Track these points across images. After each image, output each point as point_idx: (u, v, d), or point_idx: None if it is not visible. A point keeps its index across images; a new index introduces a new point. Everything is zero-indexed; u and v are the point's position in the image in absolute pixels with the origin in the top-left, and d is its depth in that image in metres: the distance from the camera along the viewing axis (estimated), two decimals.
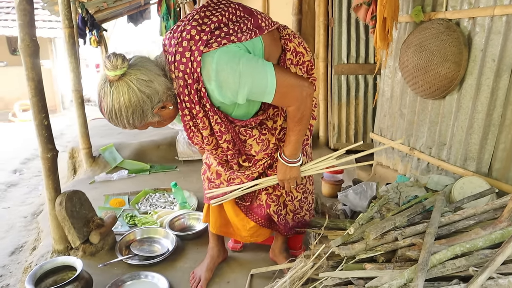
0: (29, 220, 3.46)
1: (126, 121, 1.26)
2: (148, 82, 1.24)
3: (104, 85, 1.23)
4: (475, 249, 1.36)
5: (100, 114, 1.30)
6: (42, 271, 1.77)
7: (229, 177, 1.71)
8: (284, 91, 1.36)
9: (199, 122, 1.43)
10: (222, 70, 1.27)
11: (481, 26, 1.99)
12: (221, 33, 1.31)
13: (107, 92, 1.22)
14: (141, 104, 1.24)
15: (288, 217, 1.83)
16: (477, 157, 2.08)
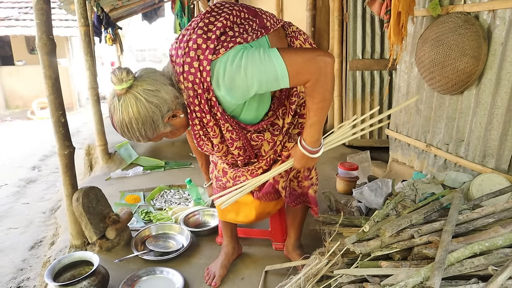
0: (48, 216, 3.53)
1: (138, 133, 1.27)
2: (155, 92, 1.23)
3: (113, 100, 1.24)
4: (494, 247, 1.33)
5: None
6: (60, 265, 1.80)
7: (234, 175, 1.71)
8: (298, 69, 1.25)
9: (210, 131, 1.42)
10: (228, 72, 1.25)
11: (501, 19, 1.94)
12: (227, 37, 1.28)
13: (116, 106, 1.23)
14: (151, 114, 1.24)
15: (293, 184, 1.77)
16: (496, 153, 2.03)
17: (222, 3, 1.38)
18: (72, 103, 10.04)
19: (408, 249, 1.49)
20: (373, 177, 2.70)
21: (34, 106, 9.02)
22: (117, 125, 1.26)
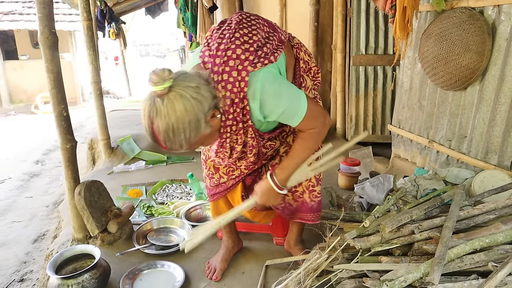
0: (51, 209, 3.56)
1: (183, 135, 1.18)
2: (196, 88, 1.19)
3: (154, 104, 1.15)
4: (495, 244, 1.33)
5: (119, 106, 1.25)
6: (62, 258, 1.81)
7: (228, 170, 1.71)
8: (310, 117, 1.40)
9: (238, 138, 1.44)
10: (266, 91, 1.31)
11: (506, 14, 1.92)
12: (262, 53, 1.35)
13: (160, 108, 1.14)
14: (196, 112, 1.18)
15: (288, 199, 1.74)
16: (499, 150, 2.02)
17: (246, 15, 1.44)
18: (75, 97, 10.08)
19: (409, 244, 1.49)
20: (375, 172, 2.69)
21: (38, 100, 9.06)
22: (162, 129, 1.16)
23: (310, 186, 1.70)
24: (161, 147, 1.24)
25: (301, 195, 1.73)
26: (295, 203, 1.74)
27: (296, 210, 1.77)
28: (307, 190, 1.71)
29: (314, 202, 1.73)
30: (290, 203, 1.75)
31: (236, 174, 1.74)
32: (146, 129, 1.21)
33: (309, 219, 1.77)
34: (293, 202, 1.74)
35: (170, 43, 23.12)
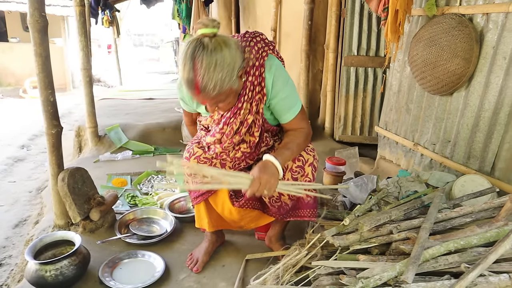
0: (34, 195, 3.52)
1: (220, 75, 1.27)
2: (236, 43, 1.35)
3: (201, 42, 1.26)
4: (469, 246, 1.36)
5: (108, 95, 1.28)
6: (42, 244, 1.80)
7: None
8: (301, 117, 1.59)
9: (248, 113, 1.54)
10: (279, 72, 1.51)
11: (494, 23, 1.95)
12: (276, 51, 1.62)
13: (207, 44, 1.26)
14: (234, 60, 1.31)
15: (284, 198, 1.69)
16: (480, 155, 2.06)
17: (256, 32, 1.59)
18: (65, 84, 9.95)
19: (387, 244, 1.52)
20: (359, 173, 2.72)
21: (27, 84, 8.92)
22: (205, 63, 1.24)
23: (307, 181, 1.67)
24: (195, 88, 1.29)
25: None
26: (291, 202, 1.72)
27: (292, 208, 1.75)
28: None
29: (311, 198, 1.72)
30: (286, 203, 1.72)
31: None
32: (185, 66, 1.28)
33: (306, 215, 1.75)
34: (289, 202, 1.72)
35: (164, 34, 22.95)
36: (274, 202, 1.72)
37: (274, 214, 1.75)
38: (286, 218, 1.77)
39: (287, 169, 1.64)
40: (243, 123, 1.56)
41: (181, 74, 1.32)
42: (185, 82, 1.31)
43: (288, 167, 1.64)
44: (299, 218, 1.76)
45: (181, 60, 1.29)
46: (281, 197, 1.70)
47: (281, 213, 1.74)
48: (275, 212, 1.74)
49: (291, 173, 1.64)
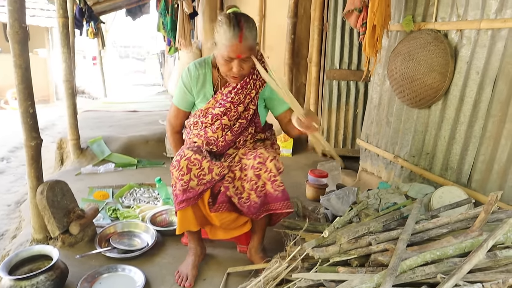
0: (13, 209, 3.44)
1: (254, 33, 1.67)
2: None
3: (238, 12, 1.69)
4: (445, 256, 1.38)
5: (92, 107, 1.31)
6: (17, 259, 1.76)
7: (199, 173, 1.73)
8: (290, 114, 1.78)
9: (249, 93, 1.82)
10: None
11: (467, 39, 2.02)
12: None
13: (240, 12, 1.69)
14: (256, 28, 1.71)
15: (252, 197, 1.76)
16: (457, 167, 2.11)
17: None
18: (48, 95, 9.81)
19: (366, 256, 1.53)
20: (341, 185, 2.75)
21: (9, 95, 8.76)
22: (246, 21, 1.64)
23: (271, 176, 1.72)
24: (239, 37, 1.61)
25: (263, 188, 1.75)
26: (258, 198, 1.76)
27: (262, 204, 1.78)
28: (268, 181, 1.73)
29: (278, 191, 1.74)
30: (254, 201, 1.75)
31: (207, 179, 1.75)
32: (230, 23, 1.61)
33: (278, 207, 1.77)
34: (257, 199, 1.75)
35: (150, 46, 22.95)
36: (243, 203, 1.76)
37: (247, 214, 1.79)
38: (259, 216, 1.79)
39: (248, 167, 1.74)
40: (247, 96, 1.82)
41: (223, 29, 1.62)
42: (231, 33, 1.60)
43: (248, 165, 1.74)
44: (271, 211, 1.79)
45: (224, 20, 1.62)
46: (250, 196, 1.75)
47: (252, 212, 1.77)
48: (247, 212, 1.77)
49: (253, 170, 1.72)
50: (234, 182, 1.79)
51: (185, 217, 1.85)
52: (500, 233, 1.34)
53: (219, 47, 1.67)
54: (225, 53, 1.65)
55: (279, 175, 1.74)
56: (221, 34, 1.64)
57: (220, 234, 2.01)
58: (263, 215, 1.81)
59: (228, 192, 1.77)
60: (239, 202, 1.77)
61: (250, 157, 1.74)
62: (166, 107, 6.02)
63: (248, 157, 1.75)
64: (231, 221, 1.89)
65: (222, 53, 1.66)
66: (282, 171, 1.79)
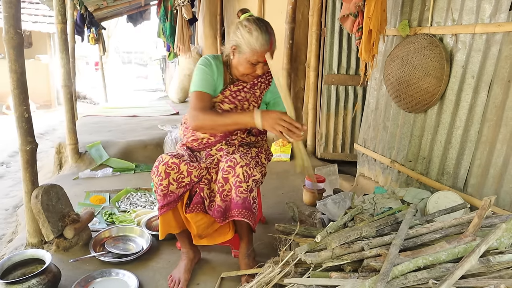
0: (10, 213, 3.44)
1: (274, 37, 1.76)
2: None
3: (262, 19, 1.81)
4: (437, 262, 1.37)
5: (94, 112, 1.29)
6: (10, 262, 1.76)
7: (178, 176, 1.75)
8: None
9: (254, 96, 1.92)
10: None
11: (463, 43, 2.02)
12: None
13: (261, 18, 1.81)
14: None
15: (218, 201, 1.75)
16: (453, 172, 2.10)
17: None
18: (50, 100, 9.85)
19: (360, 261, 1.52)
20: (338, 190, 2.74)
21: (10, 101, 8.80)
22: (272, 29, 1.77)
23: (237, 182, 1.69)
24: (270, 43, 1.73)
25: (228, 192, 1.74)
26: (223, 203, 1.74)
27: (226, 210, 1.76)
28: (233, 186, 1.71)
29: (239, 198, 1.70)
30: (219, 204, 1.75)
31: (186, 182, 1.76)
32: (261, 30, 1.70)
33: (235, 215, 1.72)
34: (221, 203, 1.74)
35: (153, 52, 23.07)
36: (212, 206, 1.78)
37: (214, 217, 1.78)
38: (224, 221, 1.76)
39: (219, 169, 1.75)
40: (252, 95, 1.92)
41: (255, 35, 1.69)
42: (263, 40, 1.70)
43: (220, 167, 1.76)
44: (231, 218, 1.75)
45: (254, 27, 1.70)
46: (215, 200, 1.76)
47: (216, 215, 1.76)
48: (213, 215, 1.77)
49: (222, 173, 1.73)
50: (210, 184, 1.81)
51: (165, 220, 1.86)
52: (493, 238, 1.33)
53: (246, 51, 1.73)
54: (254, 58, 1.73)
55: (246, 182, 1.69)
56: (250, 40, 1.70)
57: (203, 241, 2.00)
58: (227, 221, 1.78)
59: (202, 193, 1.79)
60: (209, 205, 1.78)
61: (223, 160, 1.76)
62: (166, 112, 6.04)
63: (222, 160, 1.78)
64: (207, 225, 1.86)
65: (249, 57, 1.73)
66: (257, 180, 1.75)
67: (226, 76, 1.92)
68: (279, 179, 3.32)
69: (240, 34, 1.73)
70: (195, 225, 1.83)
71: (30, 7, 9.57)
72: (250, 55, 1.73)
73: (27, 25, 8.99)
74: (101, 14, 7.13)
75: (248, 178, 1.71)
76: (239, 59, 1.78)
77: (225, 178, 1.72)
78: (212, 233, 1.97)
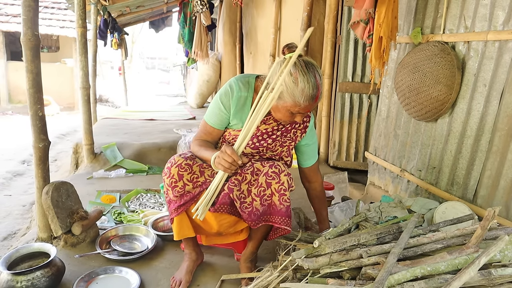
0: (27, 209, 3.55)
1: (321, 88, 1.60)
2: None
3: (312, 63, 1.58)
4: (436, 272, 1.33)
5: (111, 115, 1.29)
6: (18, 254, 1.81)
7: (192, 177, 1.73)
8: (318, 166, 2.05)
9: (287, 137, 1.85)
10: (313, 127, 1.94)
11: (475, 51, 1.98)
12: None
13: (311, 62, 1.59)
14: None
15: (256, 204, 1.70)
16: (463, 182, 2.04)
17: None
18: (73, 103, 10.14)
19: (359, 269, 1.49)
20: (346, 197, 2.70)
21: None
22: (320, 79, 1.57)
23: (282, 189, 1.66)
24: (316, 97, 1.56)
25: (269, 198, 1.70)
26: (262, 207, 1.71)
27: (263, 214, 1.73)
28: (277, 193, 1.68)
29: (283, 206, 1.68)
30: (256, 208, 1.70)
31: (201, 181, 1.74)
32: (309, 81, 1.50)
33: (277, 221, 1.71)
34: (260, 207, 1.71)
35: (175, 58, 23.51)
36: (244, 208, 1.71)
37: (246, 220, 1.72)
38: (257, 224, 1.72)
39: (261, 173, 1.70)
40: (284, 145, 1.86)
41: (301, 88, 1.50)
42: (309, 94, 1.52)
43: (262, 171, 1.70)
44: (270, 223, 1.73)
45: (302, 78, 1.50)
46: (253, 202, 1.70)
47: (252, 219, 1.70)
48: (246, 218, 1.71)
49: (265, 177, 1.68)
50: (240, 185, 1.72)
51: (182, 223, 1.84)
52: (494, 250, 1.28)
53: (287, 100, 1.55)
54: (296, 109, 1.57)
55: (289, 191, 1.69)
56: (295, 91, 1.51)
57: (215, 240, 2.00)
58: (261, 225, 1.76)
59: (231, 194, 1.70)
60: (241, 207, 1.71)
61: (266, 165, 1.70)
62: (183, 117, 6.12)
63: (264, 164, 1.71)
64: (230, 224, 1.85)
65: (290, 107, 1.57)
66: (293, 189, 1.74)
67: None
68: None
69: (284, 80, 1.50)
70: (218, 223, 1.80)
71: (58, 12, 9.95)
72: (291, 106, 1.56)
73: (54, 30, 9.34)
74: (124, 20, 7.32)
75: (289, 188, 1.70)
76: (278, 105, 1.60)
77: (268, 183, 1.67)
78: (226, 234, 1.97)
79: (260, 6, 5.17)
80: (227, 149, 1.51)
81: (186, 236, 1.88)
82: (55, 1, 10.26)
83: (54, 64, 10.32)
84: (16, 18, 9.47)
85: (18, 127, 7.53)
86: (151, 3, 6.35)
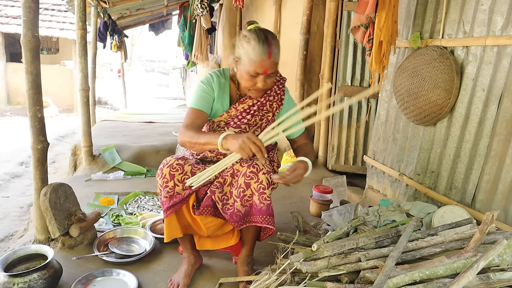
0: (25, 211, 3.54)
1: (278, 50, 1.67)
2: None
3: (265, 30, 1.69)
4: (435, 276, 1.33)
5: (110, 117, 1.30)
6: (15, 256, 1.80)
7: (183, 178, 1.73)
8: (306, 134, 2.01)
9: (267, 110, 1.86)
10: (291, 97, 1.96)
11: (473, 56, 1.99)
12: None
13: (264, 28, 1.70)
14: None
15: (237, 205, 1.71)
16: (461, 187, 2.05)
17: None
18: (72, 105, 10.13)
19: (357, 272, 1.49)
20: (345, 201, 2.70)
21: None
22: (274, 39, 1.66)
23: (261, 188, 1.67)
24: (269, 53, 1.61)
25: (250, 198, 1.71)
26: (243, 208, 1.71)
27: (246, 214, 1.73)
28: (256, 192, 1.68)
29: (263, 205, 1.69)
30: (238, 209, 1.71)
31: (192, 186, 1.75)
32: (259, 39, 1.61)
33: (259, 221, 1.71)
34: (241, 208, 1.71)
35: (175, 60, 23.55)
36: (226, 209, 1.73)
37: (229, 221, 1.74)
38: (241, 225, 1.74)
39: (240, 174, 1.70)
40: (263, 119, 1.87)
41: (252, 45, 1.61)
42: (260, 49, 1.60)
43: (241, 171, 1.70)
44: (253, 223, 1.73)
45: (253, 36, 1.62)
46: (234, 204, 1.72)
47: (234, 220, 1.72)
48: (229, 219, 1.74)
49: (244, 178, 1.69)
50: (222, 187, 1.76)
51: (170, 224, 1.85)
52: (493, 254, 1.28)
53: (245, 62, 1.65)
54: (252, 68, 1.64)
55: (269, 189, 1.69)
56: (248, 50, 1.62)
57: (207, 245, 2.00)
58: (244, 226, 1.76)
59: (213, 196, 1.74)
60: (223, 208, 1.74)
61: (244, 165, 1.71)
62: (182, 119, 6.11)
63: (242, 164, 1.72)
64: (217, 227, 1.86)
65: (248, 68, 1.65)
66: (275, 186, 1.76)
67: (233, 93, 1.85)
68: (287, 189, 3.30)
69: (241, 45, 1.66)
70: (204, 226, 1.81)
71: (58, 14, 9.96)
72: (248, 66, 1.64)
73: (54, 31, 9.34)
74: (124, 23, 7.33)
75: (269, 186, 1.70)
76: (240, 71, 1.70)
77: (247, 183, 1.68)
78: (216, 238, 1.98)
79: (260, 9, 5.19)
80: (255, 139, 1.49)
81: (174, 236, 1.89)
82: (55, 3, 10.27)
83: (53, 66, 10.33)
84: (16, 19, 9.48)
85: (16, 128, 7.51)
86: (151, 6, 6.36)
